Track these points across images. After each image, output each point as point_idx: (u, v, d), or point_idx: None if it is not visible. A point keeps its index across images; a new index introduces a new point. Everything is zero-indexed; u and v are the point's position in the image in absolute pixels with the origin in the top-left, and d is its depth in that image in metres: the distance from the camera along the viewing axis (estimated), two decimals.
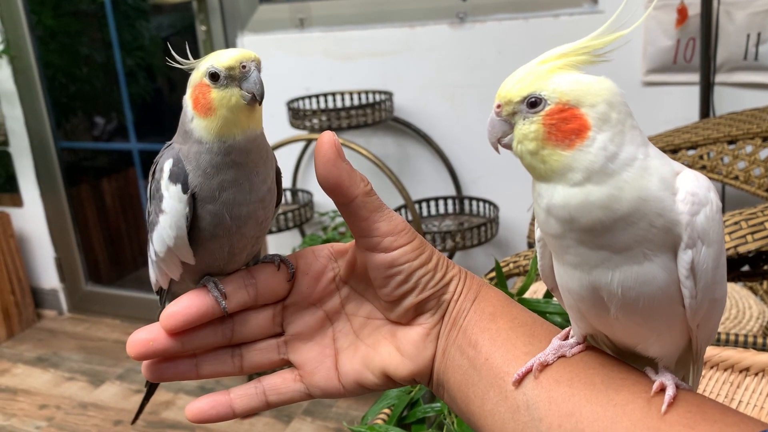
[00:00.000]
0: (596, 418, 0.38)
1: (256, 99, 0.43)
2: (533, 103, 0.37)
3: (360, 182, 0.44)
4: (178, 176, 0.43)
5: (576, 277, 0.39)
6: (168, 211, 0.44)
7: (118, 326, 2.78)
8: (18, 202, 2.85)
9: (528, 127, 0.37)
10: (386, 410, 0.70)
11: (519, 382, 0.41)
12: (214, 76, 0.43)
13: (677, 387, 0.38)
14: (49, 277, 2.93)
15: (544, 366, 0.41)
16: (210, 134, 0.43)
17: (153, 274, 0.49)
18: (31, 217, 2.85)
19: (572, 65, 0.38)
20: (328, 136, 0.43)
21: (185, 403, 2.18)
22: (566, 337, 0.43)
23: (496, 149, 0.40)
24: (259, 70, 0.43)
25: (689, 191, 0.36)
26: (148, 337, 0.45)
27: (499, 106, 0.39)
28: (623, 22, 0.38)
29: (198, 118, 0.43)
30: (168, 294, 0.51)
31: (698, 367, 0.43)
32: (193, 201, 0.44)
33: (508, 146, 0.39)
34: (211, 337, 0.46)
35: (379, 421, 0.68)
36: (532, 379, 0.41)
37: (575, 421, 0.38)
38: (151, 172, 0.46)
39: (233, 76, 0.43)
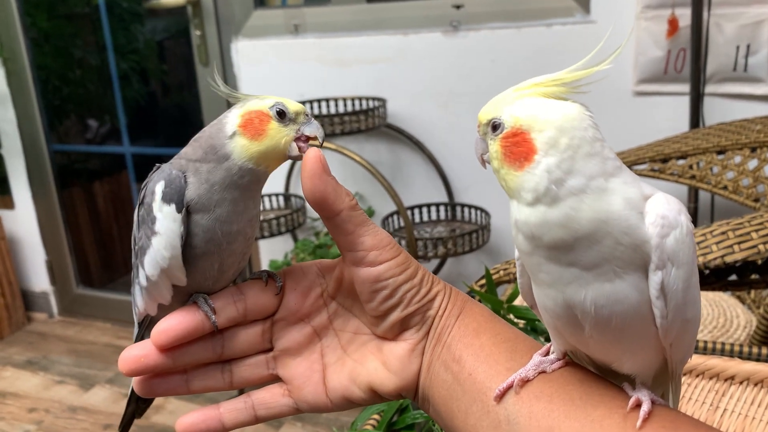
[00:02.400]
0: None
1: (301, 155, 0.46)
2: (495, 126, 0.40)
3: (345, 197, 0.45)
4: (172, 197, 0.45)
5: (551, 296, 0.40)
6: (162, 232, 0.45)
7: (108, 330, 2.78)
8: (9, 204, 2.84)
9: (492, 147, 0.40)
10: (376, 416, 0.70)
11: (500, 397, 0.42)
12: (281, 114, 0.46)
13: (653, 403, 0.39)
14: (39, 279, 2.92)
15: (525, 382, 0.42)
16: (244, 153, 0.45)
17: (141, 301, 0.49)
18: (22, 219, 2.84)
19: (545, 94, 0.39)
20: (314, 151, 0.45)
21: (175, 408, 2.18)
22: (547, 353, 0.44)
23: (482, 164, 0.43)
24: None
25: (659, 214, 0.37)
26: (139, 353, 0.45)
27: (479, 126, 0.42)
28: (613, 37, 0.39)
29: (241, 137, 0.45)
30: (150, 324, 0.51)
31: (676, 384, 0.44)
32: (187, 218, 0.45)
33: (487, 162, 0.43)
34: (202, 353, 0.47)
35: (369, 427, 0.69)
36: (513, 395, 0.42)
37: None
38: (140, 198, 0.47)
39: (295, 121, 0.46)
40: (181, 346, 0.46)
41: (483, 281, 1.03)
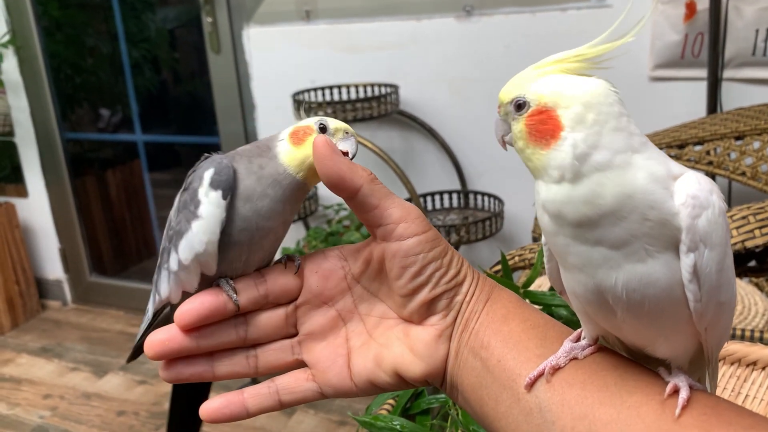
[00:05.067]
0: (610, 420, 0.37)
1: (349, 156, 0.49)
2: (519, 105, 0.39)
3: (362, 171, 0.45)
4: (220, 183, 0.46)
5: (581, 281, 0.39)
6: (204, 216, 0.46)
7: (121, 317, 2.79)
8: (23, 193, 2.85)
9: (516, 127, 0.39)
10: (390, 401, 0.70)
11: (531, 385, 0.41)
12: (323, 128, 0.50)
13: (691, 388, 0.38)
14: (53, 267, 2.93)
15: (556, 369, 0.41)
16: (287, 157, 0.48)
17: (165, 288, 0.50)
18: (36, 207, 2.86)
19: (567, 71, 0.39)
20: (320, 138, 0.45)
21: None
22: (578, 339, 0.43)
23: (503, 146, 0.42)
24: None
25: (690, 194, 0.36)
26: (164, 337, 0.46)
27: (499, 107, 0.41)
28: (628, 20, 0.38)
29: (286, 141, 0.49)
30: (163, 317, 0.53)
31: (713, 369, 0.43)
32: (228, 206, 0.47)
33: (511, 144, 0.41)
34: (225, 336, 0.47)
35: (384, 412, 0.68)
36: (544, 382, 0.41)
37: (588, 423, 0.38)
38: (185, 184, 0.49)
39: (333, 135, 0.50)
40: (204, 328, 0.46)
41: (498, 267, 1.02)
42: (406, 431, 0.64)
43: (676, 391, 0.37)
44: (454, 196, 2.06)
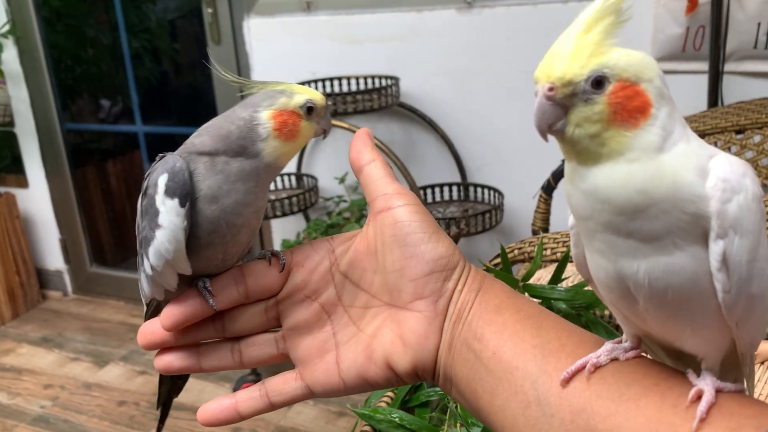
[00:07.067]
0: (608, 414, 0.37)
1: (325, 134, 0.49)
2: (598, 81, 0.34)
3: (379, 154, 0.49)
4: (175, 191, 0.44)
5: (602, 267, 0.37)
6: (165, 226, 0.44)
7: (122, 308, 2.80)
8: (23, 183, 2.85)
9: (590, 108, 0.34)
10: (390, 394, 0.70)
11: (567, 381, 0.39)
12: (310, 110, 0.47)
13: (720, 391, 0.36)
14: (54, 258, 2.94)
15: (597, 367, 0.39)
16: (276, 153, 0.46)
17: (147, 288, 0.49)
18: (36, 198, 2.86)
19: (608, 31, 0.35)
20: (363, 132, 0.49)
21: (188, 386, 2.19)
22: (620, 342, 0.41)
23: (545, 137, 0.36)
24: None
25: (720, 177, 0.33)
26: (150, 330, 0.48)
27: (551, 89, 0.35)
28: (631, 11, 0.37)
29: (275, 140, 0.46)
30: (157, 304, 0.52)
31: (749, 371, 0.40)
32: (191, 209, 0.44)
33: (560, 132, 0.35)
34: (203, 333, 0.49)
35: (383, 405, 0.68)
36: (543, 374, 0.40)
37: (587, 416, 0.37)
38: (143, 188, 0.47)
39: (319, 114, 0.48)
40: (186, 328, 0.48)
41: (497, 260, 1.02)
42: (405, 424, 0.64)
43: (699, 397, 0.35)
44: (454, 188, 2.06)
